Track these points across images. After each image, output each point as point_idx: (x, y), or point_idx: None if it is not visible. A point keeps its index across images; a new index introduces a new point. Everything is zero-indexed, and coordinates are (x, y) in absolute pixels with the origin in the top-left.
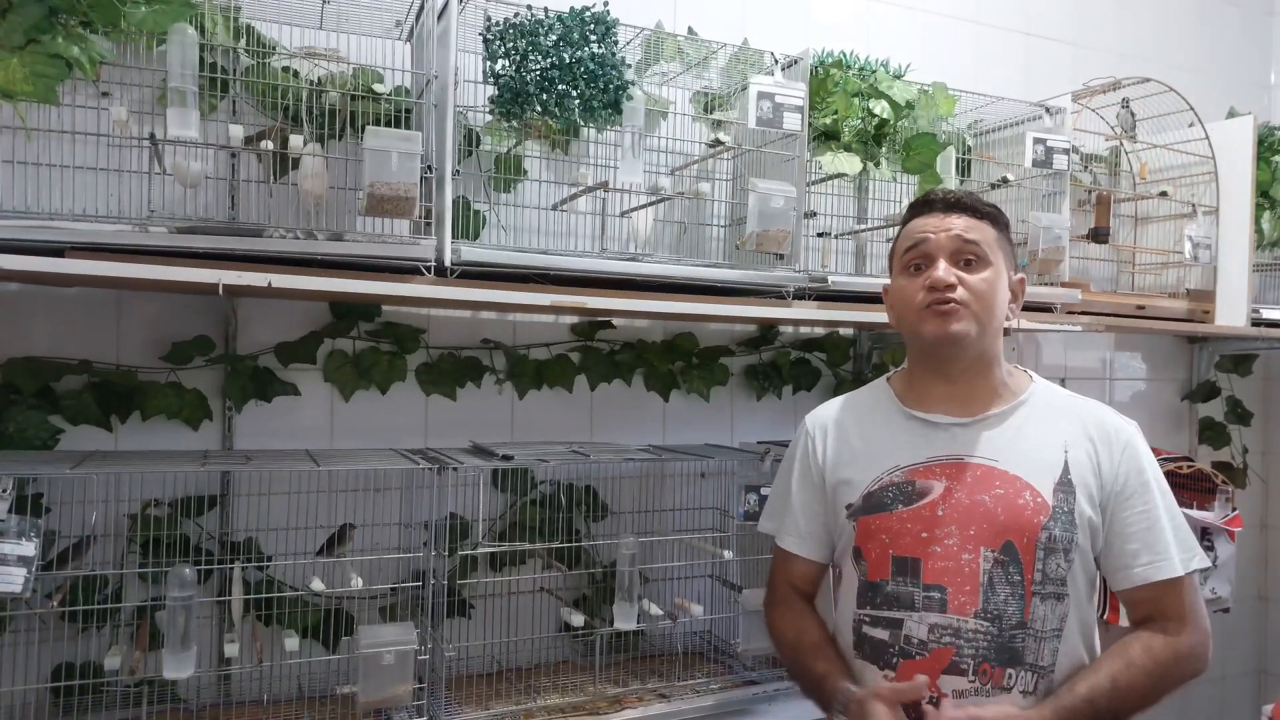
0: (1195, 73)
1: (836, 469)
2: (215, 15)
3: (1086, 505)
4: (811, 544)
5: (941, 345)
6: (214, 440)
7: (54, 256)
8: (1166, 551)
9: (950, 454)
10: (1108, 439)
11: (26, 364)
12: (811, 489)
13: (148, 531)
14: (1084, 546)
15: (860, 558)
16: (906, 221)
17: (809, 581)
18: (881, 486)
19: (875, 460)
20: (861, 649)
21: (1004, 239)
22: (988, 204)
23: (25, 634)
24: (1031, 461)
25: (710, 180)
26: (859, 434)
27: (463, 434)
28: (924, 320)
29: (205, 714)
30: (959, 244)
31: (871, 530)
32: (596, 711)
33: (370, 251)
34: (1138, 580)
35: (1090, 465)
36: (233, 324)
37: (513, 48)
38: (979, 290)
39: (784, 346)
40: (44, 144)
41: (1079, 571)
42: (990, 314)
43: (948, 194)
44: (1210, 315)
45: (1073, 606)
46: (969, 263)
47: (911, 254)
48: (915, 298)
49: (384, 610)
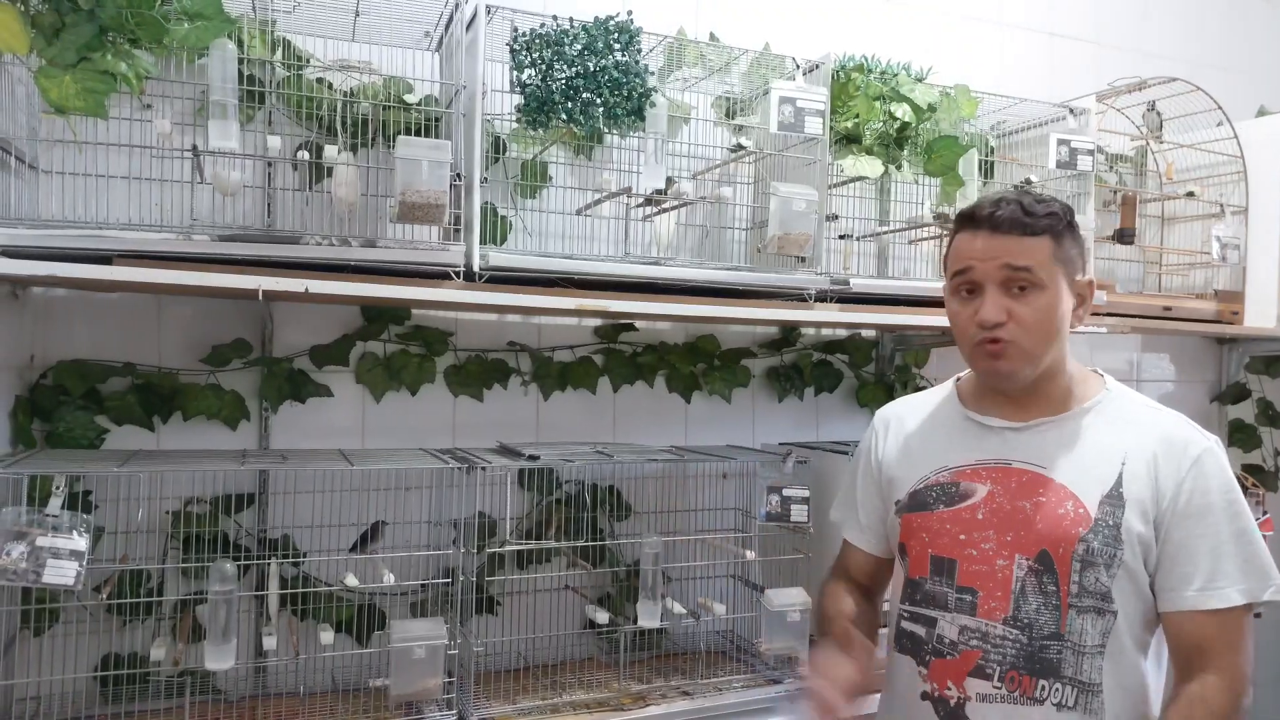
0: (1223, 70)
1: (891, 465)
2: (253, 30)
3: (1137, 521)
4: (870, 537)
5: (994, 381)
6: (251, 440)
7: (102, 264)
8: (1224, 579)
9: (998, 458)
10: (1174, 453)
11: (75, 367)
12: (871, 483)
13: (189, 528)
14: (1132, 564)
15: (904, 554)
16: (955, 233)
17: (865, 574)
18: (927, 485)
19: (926, 459)
20: (901, 643)
21: (1061, 247)
22: (1043, 212)
23: (75, 625)
24: (1082, 471)
25: (732, 184)
26: (918, 432)
27: (489, 434)
28: (975, 357)
29: (244, 705)
30: (1008, 273)
31: (914, 528)
32: (621, 708)
33: (402, 257)
34: (1186, 605)
35: (1148, 479)
36: (269, 327)
37: (538, 57)
38: (1030, 322)
39: (805, 348)
40: (92, 156)
41: (1128, 588)
42: (1046, 342)
43: (995, 211)
44: (1239, 316)
45: (1123, 624)
46: (1022, 289)
47: (959, 280)
48: (966, 330)
49: (414, 606)
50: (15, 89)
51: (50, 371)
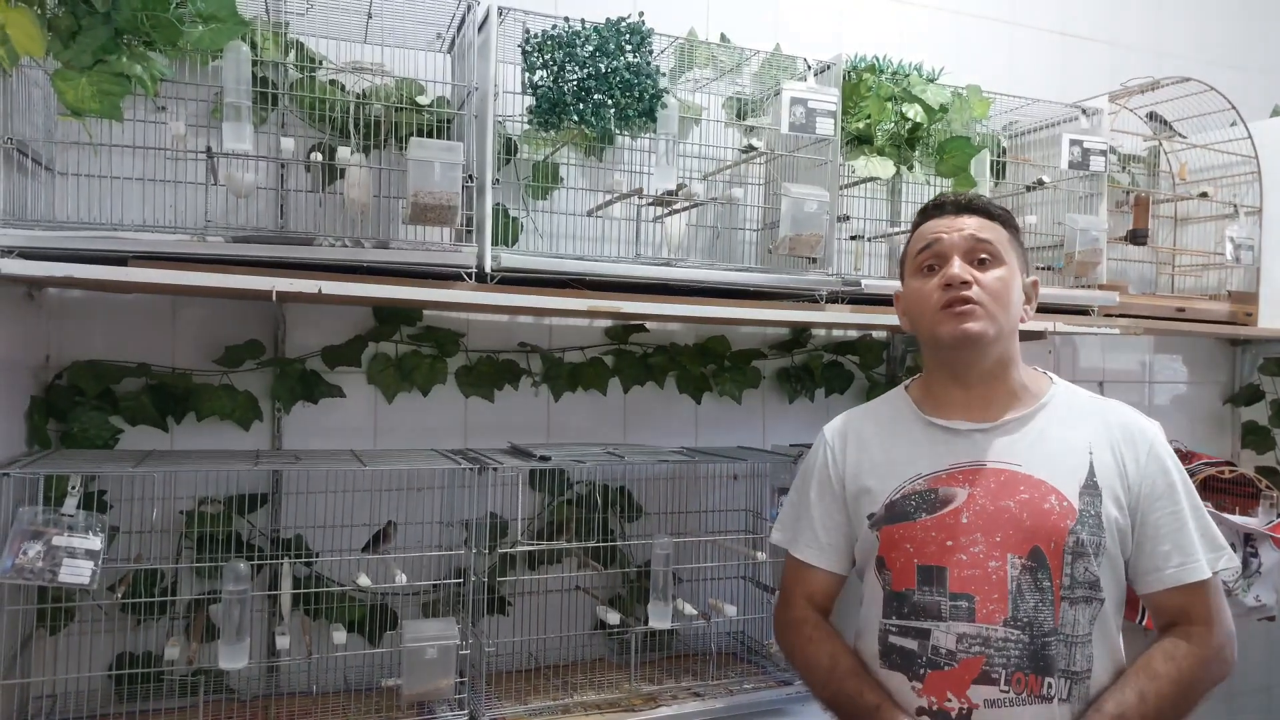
0: (1237, 70)
1: (857, 478)
2: (266, 32)
3: (1113, 508)
4: (832, 555)
5: (959, 346)
6: (264, 440)
7: (117, 265)
8: (1195, 553)
9: (972, 460)
10: (1132, 440)
11: (90, 367)
12: (832, 499)
13: (202, 528)
14: (1112, 550)
15: (884, 567)
16: (917, 225)
17: (827, 595)
18: (904, 495)
19: (896, 469)
20: (889, 659)
21: (1016, 241)
22: (999, 206)
23: (91, 624)
24: (1056, 465)
25: (743, 185)
26: (879, 443)
27: (500, 435)
28: (940, 321)
29: (256, 704)
30: (973, 243)
31: (895, 540)
32: (632, 708)
33: (415, 259)
34: (1168, 583)
35: (1116, 468)
36: (282, 328)
37: (550, 59)
38: (994, 288)
39: (816, 349)
40: (107, 157)
41: (1108, 575)
42: (1006, 313)
43: (959, 196)
44: (1253, 317)
45: (1108, 610)
46: (983, 261)
47: (925, 254)
48: (930, 298)
49: (425, 606)
50: (32, 92)
51: (65, 372)
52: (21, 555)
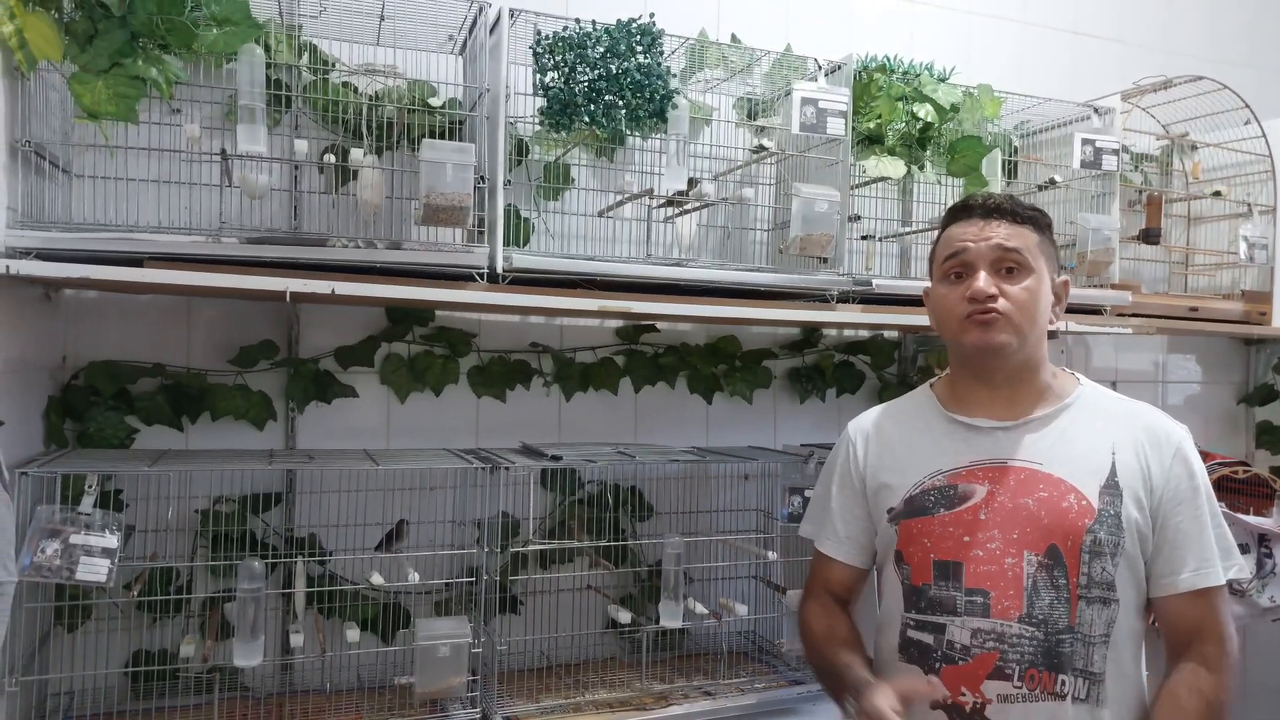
0: (1251, 68)
1: (878, 474)
2: (280, 35)
3: (1134, 509)
4: (850, 548)
5: (983, 356)
6: (277, 440)
7: (133, 266)
8: (1212, 559)
9: (993, 457)
10: (1158, 443)
11: (105, 367)
12: (851, 494)
13: (217, 526)
14: (1131, 551)
15: (903, 561)
16: (945, 226)
17: (845, 587)
18: (923, 490)
19: (917, 464)
20: (907, 652)
21: (1046, 242)
22: (1028, 207)
23: (107, 622)
24: (1077, 464)
25: (754, 185)
26: (900, 439)
27: (512, 435)
28: (965, 330)
29: (271, 701)
30: (999, 253)
31: (913, 534)
32: (643, 707)
33: (427, 259)
34: (1183, 587)
35: (1139, 469)
36: (295, 329)
37: (561, 60)
38: (1020, 300)
39: (827, 349)
40: (122, 160)
41: (1127, 576)
42: (1032, 322)
43: (987, 199)
44: (1267, 317)
45: (1122, 612)
46: (1010, 271)
47: (951, 263)
48: (956, 307)
49: (438, 605)
50: (49, 95)
51: (82, 372)
52: (39, 553)
